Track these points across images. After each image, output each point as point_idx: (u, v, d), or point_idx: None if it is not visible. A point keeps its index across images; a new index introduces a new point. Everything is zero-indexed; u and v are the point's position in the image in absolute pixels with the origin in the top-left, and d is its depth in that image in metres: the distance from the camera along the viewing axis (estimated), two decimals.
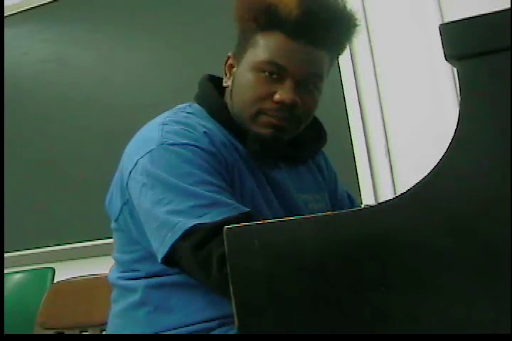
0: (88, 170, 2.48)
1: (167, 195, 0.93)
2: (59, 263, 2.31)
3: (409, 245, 0.59)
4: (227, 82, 1.10)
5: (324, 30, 1.01)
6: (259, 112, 1.03)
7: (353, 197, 1.31)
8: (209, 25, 2.36)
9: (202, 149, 0.97)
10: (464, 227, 0.58)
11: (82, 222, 2.43)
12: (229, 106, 1.09)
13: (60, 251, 2.48)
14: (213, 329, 0.98)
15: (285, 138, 1.08)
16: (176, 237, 0.90)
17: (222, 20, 1.15)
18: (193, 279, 0.96)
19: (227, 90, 1.10)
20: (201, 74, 1.16)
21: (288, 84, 1.01)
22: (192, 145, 0.97)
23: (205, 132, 1.00)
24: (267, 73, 1.02)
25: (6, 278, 1.90)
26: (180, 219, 0.90)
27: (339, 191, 1.28)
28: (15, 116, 2.70)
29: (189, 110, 1.08)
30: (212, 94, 1.10)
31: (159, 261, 0.94)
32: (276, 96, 1.01)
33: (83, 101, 2.59)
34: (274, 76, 1.02)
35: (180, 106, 1.11)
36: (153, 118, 1.09)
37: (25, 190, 2.62)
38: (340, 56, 1.14)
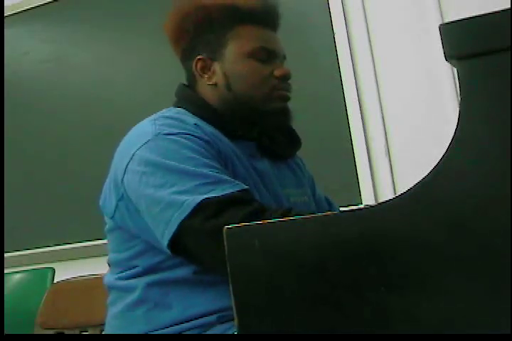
0: (88, 169, 2.48)
1: (169, 178, 0.96)
2: (59, 263, 2.32)
3: (410, 245, 0.59)
4: (211, 80, 1.15)
5: (278, 16, 1.19)
6: (268, 88, 1.13)
7: (331, 200, 1.37)
8: None
9: (197, 137, 1.01)
10: (464, 227, 0.58)
11: (82, 222, 2.43)
12: (215, 102, 1.14)
13: (60, 251, 2.48)
14: (213, 324, 0.99)
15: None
16: (185, 214, 0.91)
17: None
18: (199, 261, 0.98)
19: (208, 88, 1.15)
20: None
21: (278, 62, 1.16)
22: (186, 133, 1.01)
23: (195, 124, 1.05)
24: (259, 58, 1.13)
25: (6, 278, 1.90)
26: (188, 198, 0.92)
27: (317, 192, 1.33)
28: (15, 116, 2.70)
29: (174, 111, 1.13)
30: (195, 95, 1.17)
31: (165, 245, 0.94)
32: (278, 72, 1.13)
33: (83, 101, 2.59)
34: (265, 59, 1.13)
35: (163, 109, 1.14)
36: None
37: (26, 189, 2.62)
38: None
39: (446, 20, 0.64)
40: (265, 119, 1.14)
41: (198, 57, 1.15)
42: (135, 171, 1.00)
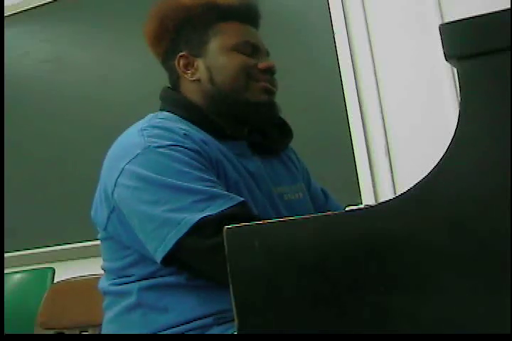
0: (88, 169, 2.45)
1: (163, 195, 0.94)
2: (59, 263, 2.32)
3: (409, 245, 0.59)
4: (194, 76, 1.14)
5: (258, 13, 1.21)
6: (251, 79, 1.12)
7: (327, 192, 1.35)
8: None
9: (187, 148, 0.99)
10: (464, 227, 0.58)
11: (82, 222, 2.41)
12: (200, 100, 1.13)
13: (60, 251, 2.48)
14: (210, 326, 0.98)
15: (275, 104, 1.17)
16: (182, 233, 0.91)
17: None
18: (199, 273, 0.97)
19: (192, 85, 1.15)
20: None
21: (262, 56, 1.16)
22: (176, 145, 0.99)
23: (184, 133, 1.02)
24: (243, 51, 1.13)
25: (6, 278, 1.90)
26: (185, 215, 0.91)
27: (312, 185, 1.31)
28: (15, 116, 2.70)
29: (160, 116, 1.10)
30: (180, 96, 1.16)
31: (158, 260, 0.94)
32: (261, 65, 1.13)
33: (83, 101, 2.59)
34: (249, 52, 1.14)
35: (149, 115, 1.13)
36: None
37: (26, 189, 2.62)
38: None
39: (446, 20, 0.64)
40: (250, 113, 1.13)
41: (180, 54, 1.15)
42: (126, 186, 0.98)
